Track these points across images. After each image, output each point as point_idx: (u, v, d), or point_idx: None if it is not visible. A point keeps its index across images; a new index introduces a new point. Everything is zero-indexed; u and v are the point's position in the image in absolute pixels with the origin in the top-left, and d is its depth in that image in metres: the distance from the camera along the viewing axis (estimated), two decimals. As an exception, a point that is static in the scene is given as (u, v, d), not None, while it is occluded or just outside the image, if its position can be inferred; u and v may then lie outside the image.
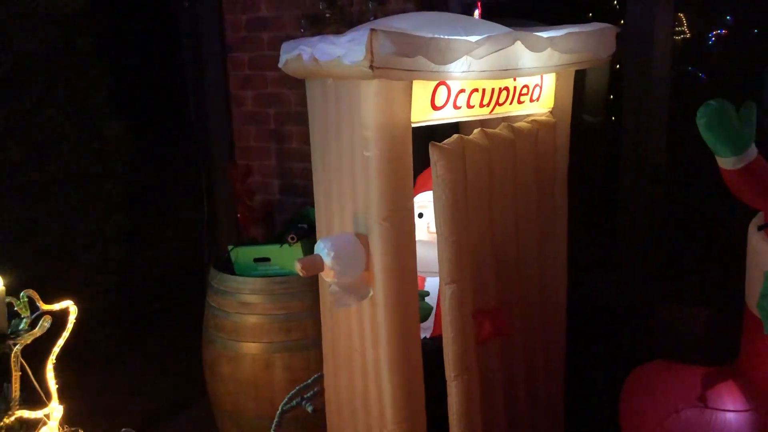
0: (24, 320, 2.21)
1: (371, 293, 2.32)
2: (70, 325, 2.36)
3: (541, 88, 2.52)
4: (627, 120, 3.22)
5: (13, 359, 2.19)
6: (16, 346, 2.18)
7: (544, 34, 2.29)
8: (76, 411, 2.53)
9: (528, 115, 2.56)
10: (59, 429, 2.38)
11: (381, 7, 3.28)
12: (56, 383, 2.35)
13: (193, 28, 3.84)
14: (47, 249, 3.60)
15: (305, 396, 1.83)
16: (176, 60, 3.99)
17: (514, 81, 2.42)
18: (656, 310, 3.02)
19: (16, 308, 2.19)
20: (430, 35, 2.03)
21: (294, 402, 1.83)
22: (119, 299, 3.90)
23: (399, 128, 2.15)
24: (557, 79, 2.58)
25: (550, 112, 2.61)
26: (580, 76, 2.71)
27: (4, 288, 1.81)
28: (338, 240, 2.38)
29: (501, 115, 2.46)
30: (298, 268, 2.33)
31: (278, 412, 1.84)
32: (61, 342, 2.33)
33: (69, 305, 2.36)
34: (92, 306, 3.46)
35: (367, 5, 3.23)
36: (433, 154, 2.10)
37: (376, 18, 3.20)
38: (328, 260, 2.30)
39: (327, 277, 2.34)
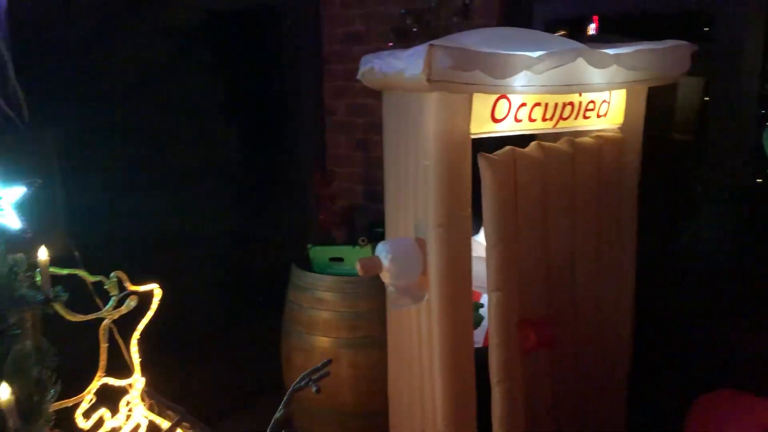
0: (112, 298, 2.47)
1: (426, 297, 2.42)
2: (154, 306, 2.60)
3: (608, 103, 2.53)
4: (711, 138, 3.12)
5: (101, 332, 2.46)
6: (105, 320, 2.46)
7: (611, 51, 2.31)
8: (159, 389, 2.77)
9: (595, 131, 2.57)
10: (141, 399, 2.63)
11: (466, 21, 3.37)
12: (139, 357, 2.60)
13: (293, 42, 4.11)
14: (158, 239, 3.94)
15: (313, 378, 1.97)
16: (278, 71, 4.27)
17: (579, 96, 2.44)
18: (727, 334, 2.90)
19: (105, 287, 2.47)
20: (487, 50, 2.12)
21: (302, 383, 1.97)
22: (218, 288, 4.21)
23: (458, 139, 2.25)
24: (627, 95, 2.57)
25: (619, 128, 2.60)
26: (670, 93, 2.67)
27: (48, 258, 1.98)
28: (397, 243, 2.50)
29: (566, 130, 2.49)
30: (357, 267, 2.48)
31: (289, 391, 1.99)
32: (145, 321, 2.58)
33: (154, 287, 2.61)
34: (192, 293, 3.77)
35: (452, 20, 3.34)
36: (481, 164, 2.18)
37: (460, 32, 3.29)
38: (385, 262, 2.43)
39: (384, 278, 2.47)
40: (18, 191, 2.35)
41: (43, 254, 1.53)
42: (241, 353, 4.10)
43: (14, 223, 2.33)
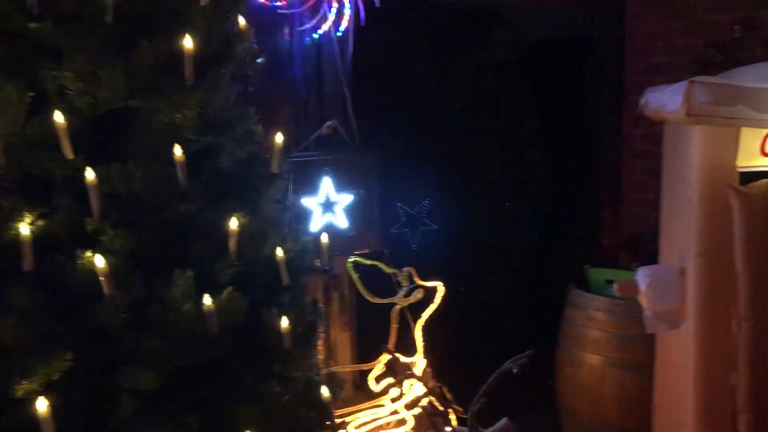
0: (403, 289, 3.04)
1: (683, 324, 2.49)
2: (437, 300, 3.10)
3: None
4: None
5: (392, 316, 3.03)
6: (395, 306, 3.03)
7: None
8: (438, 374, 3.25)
9: None
10: (423, 376, 3.14)
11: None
12: (422, 341, 3.12)
13: (596, 72, 4.30)
14: (454, 244, 4.48)
15: (517, 362, 2.19)
16: (581, 99, 4.51)
17: None
18: None
19: (398, 278, 3.04)
20: (752, 85, 2.15)
21: (507, 365, 2.21)
22: (502, 296, 4.59)
23: (722, 171, 2.29)
24: None
25: None
26: None
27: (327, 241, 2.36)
28: (657, 270, 2.60)
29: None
30: (615, 288, 2.64)
31: (494, 374, 2.24)
32: (428, 312, 3.09)
33: (438, 285, 3.11)
34: (478, 295, 4.22)
35: (756, 51, 3.23)
36: (730, 196, 2.20)
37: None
38: (642, 286, 2.55)
39: (642, 301, 2.59)
40: (348, 198, 3.06)
41: (324, 238, 2.03)
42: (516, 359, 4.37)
43: (342, 223, 3.05)
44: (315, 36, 3.06)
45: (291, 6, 2.94)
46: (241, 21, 1.78)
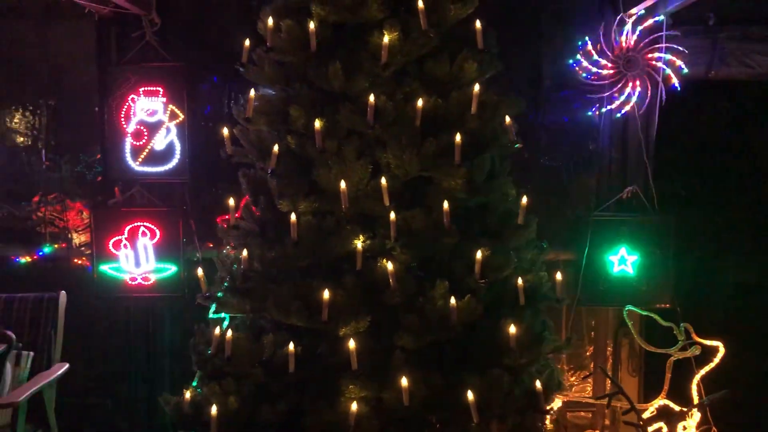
0: (679, 342, 3.37)
1: None
2: (715, 360, 3.35)
3: None
4: None
5: (668, 364, 3.39)
6: (670, 358, 3.38)
7: None
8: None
9: None
10: (696, 428, 3.41)
11: None
12: (698, 396, 3.38)
13: None
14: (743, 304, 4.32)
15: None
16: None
17: None
18: None
19: (674, 332, 3.38)
20: None
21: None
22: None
23: None
24: None
25: None
26: None
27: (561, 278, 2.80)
28: None
29: None
30: None
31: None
32: (703, 371, 3.36)
33: (718, 345, 3.36)
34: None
35: None
36: None
37: None
38: None
39: None
40: (641, 255, 3.59)
41: (558, 275, 2.67)
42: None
43: (633, 275, 3.59)
44: (619, 115, 3.69)
45: (601, 90, 3.64)
46: (507, 119, 2.61)
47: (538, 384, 2.48)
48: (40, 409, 3.26)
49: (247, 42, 2.67)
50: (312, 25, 2.47)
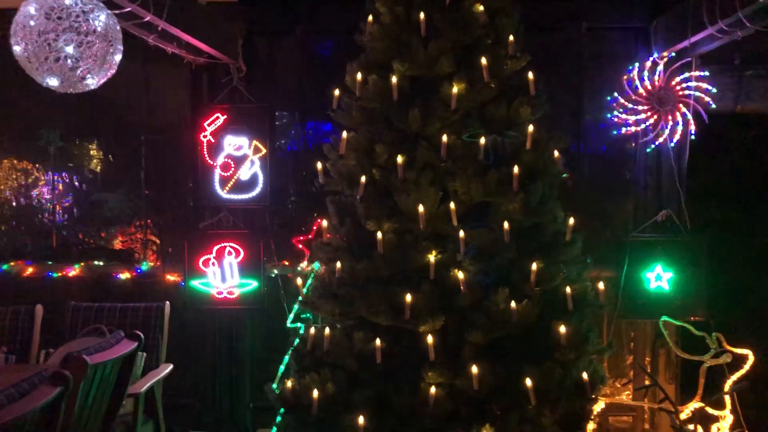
0: (711, 350, 3.76)
1: None
2: (745, 367, 3.73)
3: None
4: None
5: (701, 370, 3.77)
6: (703, 364, 3.77)
7: None
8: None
9: None
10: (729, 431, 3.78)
11: None
12: (731, 400, 3.74)
13: None
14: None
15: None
16: None
17: None
18: None
19: (707, 341, 3.77)
20: None
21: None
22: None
23: None
24: None
25: None
26: None
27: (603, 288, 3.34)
28: None
29: None
30: None
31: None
32: (734, 377, 3.72)
33: (748, 354, 3.74)
34: None
35: None
36: None
37: None
38: None
39: None
40: (676, 272, 4.01)
41: (600, 285, 3.18)
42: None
43: (668, 291, 4.00)
44: (653, 146, 4.15)
45: (636, 124, 4.11)
46: (555, 154, 3.11)
47: (584, 375, 2.94)
48: (149, 404, 3.80)
49: (336, 91, 3.24)
50: (394, 79, 3.02)
